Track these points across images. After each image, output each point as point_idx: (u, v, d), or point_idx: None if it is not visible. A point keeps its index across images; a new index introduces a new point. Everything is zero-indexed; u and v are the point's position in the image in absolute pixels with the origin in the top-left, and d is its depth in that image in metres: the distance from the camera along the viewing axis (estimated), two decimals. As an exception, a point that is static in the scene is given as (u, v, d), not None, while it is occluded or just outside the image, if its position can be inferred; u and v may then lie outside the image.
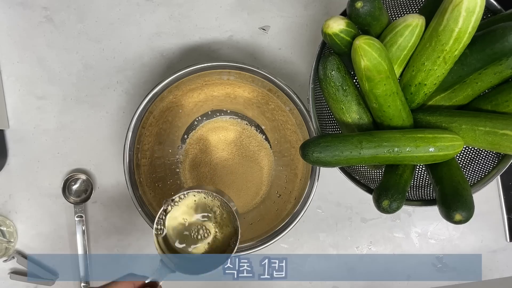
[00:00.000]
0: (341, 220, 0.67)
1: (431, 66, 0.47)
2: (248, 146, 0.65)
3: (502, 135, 0.47)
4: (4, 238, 0.62)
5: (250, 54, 0.66)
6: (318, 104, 0.55)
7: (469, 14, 0.43)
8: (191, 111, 0.64)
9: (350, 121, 0.52)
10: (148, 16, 0.65)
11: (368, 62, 0.44)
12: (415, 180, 0.57)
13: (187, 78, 0.56)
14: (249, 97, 0.63)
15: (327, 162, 0.48)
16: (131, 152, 0.56)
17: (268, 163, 0.65)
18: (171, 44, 0.65)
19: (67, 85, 0.65)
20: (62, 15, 0.64)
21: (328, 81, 0.50)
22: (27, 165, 0.64)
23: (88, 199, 0.64)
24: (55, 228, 0.65)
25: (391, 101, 0.48)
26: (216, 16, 0.66)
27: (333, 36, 0.47)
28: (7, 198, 0.64)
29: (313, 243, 0.67)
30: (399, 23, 0.47)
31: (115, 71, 0.65)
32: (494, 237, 0.69)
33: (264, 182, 0.65)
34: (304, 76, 0.66)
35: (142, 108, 0.55)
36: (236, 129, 0.66)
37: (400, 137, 0.48)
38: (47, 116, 0.64)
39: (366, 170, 0.58)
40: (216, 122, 0.65)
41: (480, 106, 0.51)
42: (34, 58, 0.64)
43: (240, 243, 0.57)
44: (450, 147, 0.48)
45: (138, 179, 0.57)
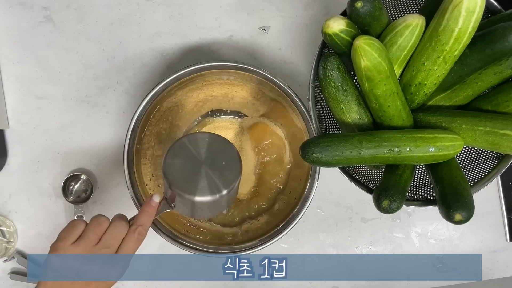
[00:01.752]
0: (341, 220, 0.67)
1: (431, 66, 0.47)
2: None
3: (502, 135, 0.47)
4: (4, 238, 0.62)
5: (250, 54, 0.66)
6: (318, 104, 0.55)
7: (469, 14, 0.43)
8: (191, 111, 0.64)
9: (350, 121, 0.52)
10: (148, 16, 0.65)
11: (368, 62, 0.44)
12: (415, 180, 0.57)
13: (187, 78, 0.57)
14: (249, 97, 0.63)
15: (327, 162, 0.48)
16: (131, 152, 0.56)
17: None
18: (171, 44, 0.65)
19: (67, 85, 0.65)
20: (62, 15, 0.64)
21: (328, 81, 0.50)
22: (27, 165, 0.64)
23: (88, 199, 0.64)
24: (55, 228, 0.65)
25: (391, 101, 0.48)
26: (216, 16, 0.66)
27: (333, 36, 0.47)
28: (7, 198, 0.64)
29: (313, 243, 0.67)
30: (399, 23, 0.47)
31: (115, 71, 0.65)
32: (494, 237, 0.69)
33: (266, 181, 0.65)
34: (304, 76, 0.66)
35: (142, 108, 0.55)
36: (236, 128, 0.66)
37: (400, 137, 0.48)
38: (47, 116, 0.64)
39: (366, 170, 0.58)
40: (216, 122, 0.65)
41: (480, 106, 0.51)
42: (34, 58, 0.64)
43: (240, 243, 0.57)
44: (450, 147, 0.48)
45: (138, 179, 0.57)
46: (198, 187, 0.45)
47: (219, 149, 0.48)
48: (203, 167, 0.46)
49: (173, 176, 0.45)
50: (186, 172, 0.46)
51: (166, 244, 0.55)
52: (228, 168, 0.47)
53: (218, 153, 0.48)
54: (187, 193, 0.45)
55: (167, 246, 0.55)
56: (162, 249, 0.63)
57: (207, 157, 0.47)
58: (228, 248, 0.56)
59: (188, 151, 0.47)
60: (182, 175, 0.46)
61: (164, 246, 0.56)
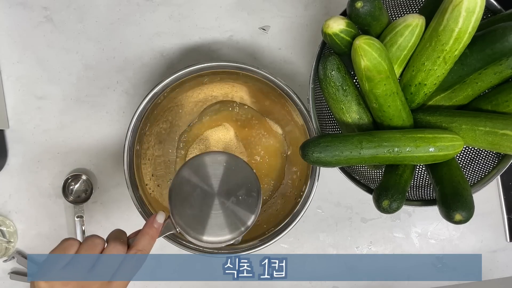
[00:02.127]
0: (341, 220, 0.67)
1: (431, 66, 0.47)
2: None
3: (502, 135, 0.47)
4: (4, 238, 0.62)
5: (250, 54, 0.66)
6: (318, 104, 0.55)
7: (469, 14, 0.43)
8: (191, 111, 0.64)
9: (350, 121, 0.52)
10: (148, 16, 0.65)
11: (368, 62, 0.44)
12: (415, 180, 0.57)
13: (187, 78, 0.56)
14: (248, 97, 0.63)
15: (327, 162, 0.48)
16: (131, 152, 0.56)
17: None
18: (171, 44, 0.65)
19: (67, 85, 0.65)
20: (62, 15, 0.64)
21: (328, 81, 0.50)
22: (27, 165, 0.64)
23: (88, 199, 0.64)
24: (55, 228, 0.65)
25: (391, 101, 0.48)
26: (216, 16, 0.66)
27: (333, 36, 0.47)
28: (7, 198, 0.64)
29: (313, 243, 0.67)
30: (399, 23, 0.47)
31: (115, 71, 0.65)
32: (494, 237, 0.69)
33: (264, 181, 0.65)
34: (304, 76, 0.66)
35: (142, 108, 0.55)
36: (235, 128, 0.65)
37: (400, 137, 0.48)
38: (47, 116, 0.64)
39: (366, 170, 0.58)
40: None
41: (480, 106, 0.51)
42: (34, 58, 0.64)
43: (240, 243, 0.57)
44: (450, 147, 0.48)
45: (138, 179, 0.57)
46: (215, 225, 0.40)
47: (232, 172, 0.42)
48: (216, 199, 0.41)
49: (184, 220, 0.40)
50: (196, 209, 0.41)
51: (166, 244, 0.55)
52: (247, 195, 0.41)
53: (232, 178, 0.42)
54: (212, 240, 0.39)
55: (167, 246, 0.55)
56: (162, 249, 0.63)
57: (220, 186, 0.41)
58: (228, 248, 0.56)
59: (197, 181, 0.41)
60: (192, 215, 0.40)
61: (164, 246, 0.56)
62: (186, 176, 0.42)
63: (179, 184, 0.42)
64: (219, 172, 0.42)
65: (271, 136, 0.65)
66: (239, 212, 0.41)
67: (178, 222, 0.41)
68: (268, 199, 0.64)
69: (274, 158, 0.64)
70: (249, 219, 0.42)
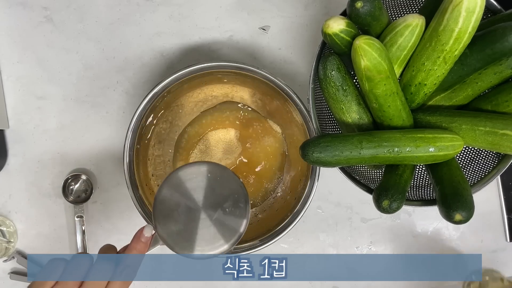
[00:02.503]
0: (341, 220, 0.67)
1: (431, 66, 0.47)
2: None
3: (502, 135, 0.47)
4: (4, 238, 0.62)
5: (250, 54, 0.66)
6: (318, 104, 0.55)
7: (469, 14, 0.43)
8: (191, 111, 0.64)
9: (350, 121, 0.52)
10: (148, 16, 0.65)
11: (368, 62, 0.44)
12: (415, 180, 0.57)
13: (187, 78, 0.57)
14: (248, 97, 0.63)
15: (327, 162, 0.48)
16: (131, 152, 0.56)
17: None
18: (171, 44, 0.65)
19: (67, 85, 0.65)
20: (62, 15, 0.64)
21: (328, 81, 0.50)
22: (27, 165, 0.64)
23: (88, 199, 0.64)
24: (55, 228, 0.65)
25: (391, 101, 0.48)
26: (216, 16, 0.66)
27: (333, 36, 0.47)
28: (7, 198, 0.64)
29: (313, 243, 0.67)
30: (399, 23, 0.47)
31: (115, 71, 0.65)
32: (494, 237, 0.69)
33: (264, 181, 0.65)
34: (304, 76, 0.66)
35: (142, 108, 0.55)
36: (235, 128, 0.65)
37: (400, 137, 0.48)
38: (47, 116, 0.64)
39: (366, 170, 0.58)
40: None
41: (480, 106, 0.51)
42: (34, 58, 0.64)
43: (240, 243, 0.57)
44: (450, 147, 0.48)
45: (138, 179, 0.57)
46: (206, 239, 0.39)
47: (216, 183, 0.40)
48: (202, 212, 0.39)
49: (171, 239, 0.39)
50: (181, 225, 0.40)
51: (166, 244, 0.55)
52: (235, 206, 0.40)
53: (217, 189, 0.40)
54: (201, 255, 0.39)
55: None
56: (162, 249, 0.63)
57: (206, 199, 0.39)
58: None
59: (178, 198, 0.40)
60: (178, 232, 0.40)
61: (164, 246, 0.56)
62: (167, 194, 0.41)
63: (160, 202, 0.41)
64: (203, 184, 0.41)
65: (271, 136, 0.65)
66: (228, 223, 0.40)
67: (164, 240, 0.40)
68: (268, 199, 0.64)
69: (274, 158, 0.64)
70: (237, 232, 0.40)
